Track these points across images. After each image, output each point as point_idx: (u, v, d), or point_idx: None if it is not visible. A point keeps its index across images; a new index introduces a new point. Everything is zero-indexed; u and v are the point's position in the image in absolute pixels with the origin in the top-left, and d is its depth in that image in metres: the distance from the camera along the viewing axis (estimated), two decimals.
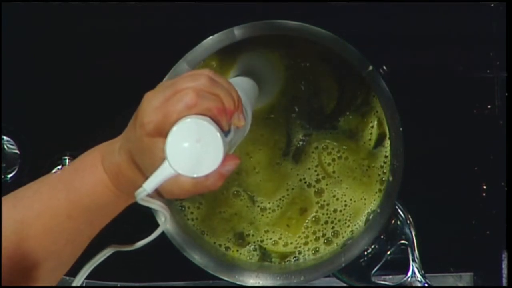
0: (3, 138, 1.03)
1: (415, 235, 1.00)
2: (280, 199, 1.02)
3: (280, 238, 1.02)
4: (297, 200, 1.02)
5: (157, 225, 0.79)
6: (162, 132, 0.68)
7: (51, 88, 1.04)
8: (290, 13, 0.99)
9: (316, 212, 1.02)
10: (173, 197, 0.71)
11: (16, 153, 1.04)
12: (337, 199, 1.02)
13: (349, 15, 1.02)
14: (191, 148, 0.66)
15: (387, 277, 1.03)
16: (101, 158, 0.74)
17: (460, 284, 1.06)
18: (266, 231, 1.02)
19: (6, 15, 1.02)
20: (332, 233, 1.02)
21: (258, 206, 1.02)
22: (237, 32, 0.94)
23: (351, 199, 1.01)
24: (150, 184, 0.68)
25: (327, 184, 1.01)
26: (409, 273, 1.00)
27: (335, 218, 1.02)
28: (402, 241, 1.00)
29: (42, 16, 1.03)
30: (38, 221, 0.74)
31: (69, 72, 1.04)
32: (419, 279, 0.99)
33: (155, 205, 0.73)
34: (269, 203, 1.02)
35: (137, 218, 0.86)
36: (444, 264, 1.06)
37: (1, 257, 0.72)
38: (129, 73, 1.03)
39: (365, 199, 1.01)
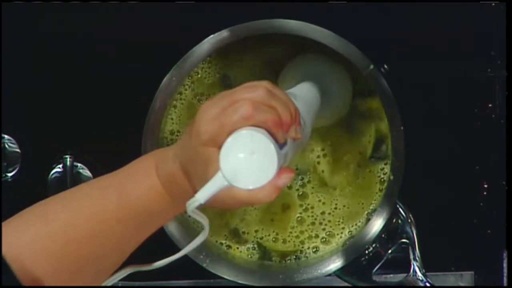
0: (4, 137, 1.03)
1: (416, 234, 1.00)
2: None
3: (277, 234, 1.02)
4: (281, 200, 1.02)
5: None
6: (217, 143, 0.66)
7: (51, 88, 1.04)
8: (289, 13, 0.99)
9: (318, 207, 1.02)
10: (225, 207, 0.70)
11: (17, 152, 1.04)
12: (328, 202, 1.02)
13: (351, 15, 1.02)
14: (245, 159, 0.65)
15: (388, 276, 1.03)
16: (155, 165, 0.74)
17: (461, 283, 1.06)
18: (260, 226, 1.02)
19: (6, 15, 1.02)
20: (328, 233, 1.02)
21: None
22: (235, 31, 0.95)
23: (344, 205, 1.02)
24: (203, 195, 0.67)
25: (312, 188, 1.02)
26: (410, 272, 1.00)
27: (329, 219, 1.02)
28: (403, 240, 1.00)
29: (42, 16, 1.03)
30: (87, 224, 0.73)
31: (69, 72, 1.04)
32: (420, 278, 0.99)
33: (203, 219, 0.71)
34: None
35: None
36: (445, 263, 1.06)
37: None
38: (129, 73, 1.03)
39: (363, 203, 1.01)
